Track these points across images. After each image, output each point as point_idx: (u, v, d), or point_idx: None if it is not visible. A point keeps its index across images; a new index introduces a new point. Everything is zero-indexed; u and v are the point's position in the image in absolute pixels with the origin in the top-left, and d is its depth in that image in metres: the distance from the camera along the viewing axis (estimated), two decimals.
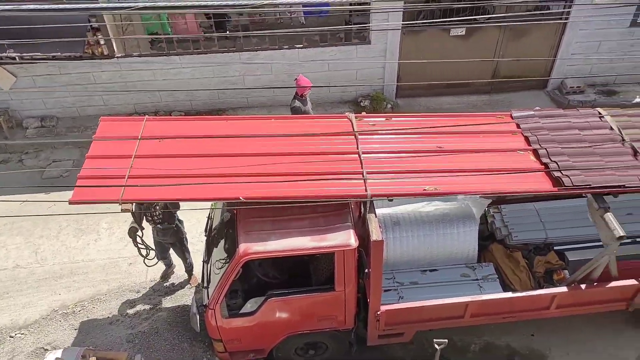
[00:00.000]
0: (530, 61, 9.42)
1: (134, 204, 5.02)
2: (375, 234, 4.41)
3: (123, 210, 4.39)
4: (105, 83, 8.84)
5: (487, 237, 6.09)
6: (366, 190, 4.55)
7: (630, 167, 4.91)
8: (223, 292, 4.71)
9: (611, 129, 5.36)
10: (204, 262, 5.43)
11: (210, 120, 5.63)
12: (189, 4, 5.32)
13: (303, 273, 5.37)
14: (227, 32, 8.15)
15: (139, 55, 8.71)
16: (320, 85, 8.39)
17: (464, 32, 8.80)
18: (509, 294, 5.12)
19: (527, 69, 9.39)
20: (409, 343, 5.66)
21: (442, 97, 9.80)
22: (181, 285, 6.58)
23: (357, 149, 4.98)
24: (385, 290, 5.32)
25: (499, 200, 6.15)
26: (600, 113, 5.59)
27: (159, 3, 5.96)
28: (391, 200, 4.73)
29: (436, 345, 4.92)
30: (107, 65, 8.70)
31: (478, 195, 5.82)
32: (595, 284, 5.08)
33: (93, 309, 6.36)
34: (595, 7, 7.97)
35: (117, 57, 8.64)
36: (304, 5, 7.51)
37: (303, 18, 9.19)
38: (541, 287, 5.29)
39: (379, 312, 4.94)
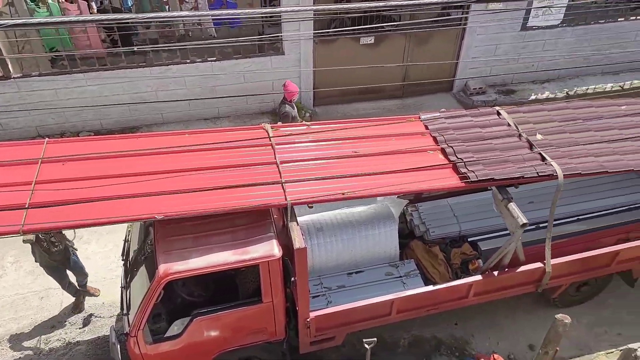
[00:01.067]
0: (436, 65, 9.95)
1: (37, 234, 4.69)
2: (298, 241, 4.43)
3: (25, 242, 4.07)
4: (2, 105, 8.18)
5: (407, 235, 6.35)
6: (286, 199, 4.57)
7: (527, 159, 5.33)
8: (145, 317, 4.50)
9: (509, 125, 5.80)
10: (122, 288, 5.17)
11: (120, 139, 5.38)
12: (89, 18, 5.07)
13: (230, 288, 5.28)
14: (135, 46, 7.85)
15: (39, 75, 8.16)
16: (233, 95, 8.34)
17: (373, 41, 9.14)
18: (430, 288, 5.34)
19: (434, 73, 9.92)
20: (341, 346, 5.74)
21: (358, 103, 10.10)
22: (100, 315, 6.22)
23: (275, 158, 5.00)
24: (314, 297, 5.37)
25: (416, 199, 6.44)
26: (498, 111, 6.03)
27: (55, 19, 5.62)
28: (311, 207, 4.78)
29: (366, 345, 5.02)
30: (2, 87, 8.07)
31: (396, 196, 6.09)
32: (506, 270, 5.44)
33: (3, 351, 5.84)
34: (489, 12, 8.60)
35: (14, 78, 8.05)
36: (214, 17, 7.44)
37: (214, 30, 9.08)
38: (459, 278, 5.57)
39: (308, 319, 4.96)
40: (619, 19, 10.03)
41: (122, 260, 5.45)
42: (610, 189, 6.34)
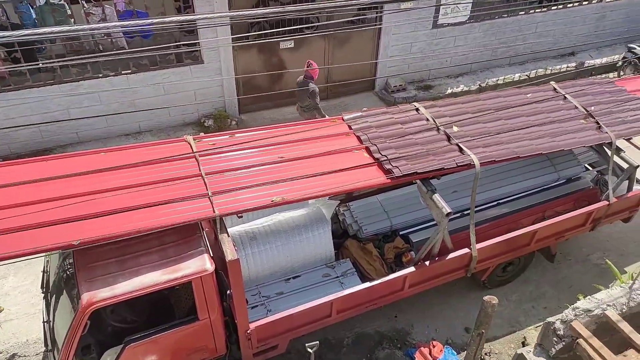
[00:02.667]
0: (358, 65, 10.18)
1: None
2: (229, 253, 4.35)
3: None
4: None
5: (341, 234, 6.42)
6: (214, 211, 4.47)
7: (447, 151, 5.57)
8: (71, 351, 4.21)
9: (427, 119, 6.03)
10: (44, 322, 4.81)
11: (29, 163, 5.01)
12: None
13: (164, 308, 5.07)
14: (40, 63, 7.35)
15: None
16: (153, 108, 8.05)
17: (292, 44, 9.18)
18: (367, 284, 5.42)
19: (356, 73, 10.14)
20: (286, 353, 5.69)
21: (285, 108, 10.09)
22: (24, 354, 5.76)
23: (200, 170, 4.88)
24: (252, 307, 5.30)
25: (347, 198, 6.53)
26: (417, 107, 6.25)
27: None
28: (240, 217, 4.70)
29: (309, 349, 5.02)
30: None
31: (327, 197, 6.14)
32: (436, 258, 5.65)
33: None
34: (401, 11, 8.91)
35: None
36: (123, 27, 7.12)
37: (125, 41, 8.71)
38: (393, 272, 5.70)
39: (248, 331, 4.87)
40: (519, 13, 10.75)
41: (43, 292, 5.08)
42: (524, 173, 6.76)
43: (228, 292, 4.62)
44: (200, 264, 4.39)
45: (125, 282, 4.17)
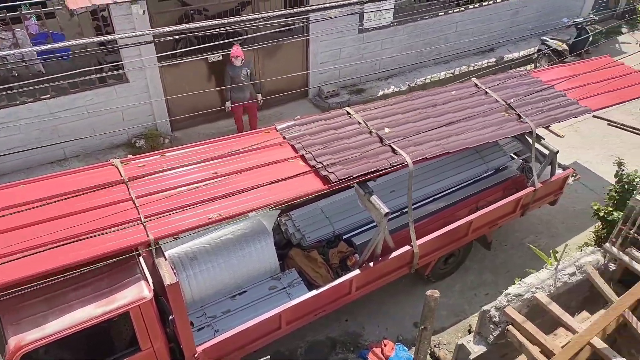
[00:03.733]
0: (290, 74, 10.20)
1: None
2: (168, 277, 4.20)
3: None
4: None
5: (285, 244, 6.39)
6: (148, 236, 4.30)
7: (380, 153, 5.68)
8: None
9: (359, 123, 6.13)
10: None
11: None
12: None
13: (104, 342, 4.81)
14: None
15: None
16: (83, 137, 7.68)
17: (221, 57, 9.06)
18: (314, 292, 5.42)
19: (288, 82, 10.15)
20: None
21: (219, 122, 9.94)
22: None
23: (130, 194, 4.69)
24: (199, 329, 5.15)
25: (288, 207, 6.50)
26: (348, 111, 6.34)
27: None
28: (176, 238, 4.56)
29: None
30: None
31: (267, 209, 6.08)
32: (380, 259, 5.74)
33: None
34: (326, 19, 9.02)
35: None
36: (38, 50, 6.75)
37: (41, 65, 8.26)
38: (340, 276, 5.73)
39: (196, 355, 4.72)
40: (439, 14, 11.20)
41: None
42: (455, 167, 7.02)
43: (170, 317, 4.46)
44: (137, 292, 4.21)
45: (56, 321, 3.93)
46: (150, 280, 4.69)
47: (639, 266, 4.89)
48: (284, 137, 5.85)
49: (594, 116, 7.03)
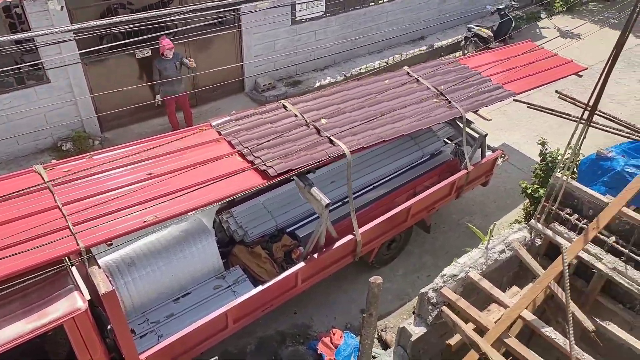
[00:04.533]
0: (225, 68, 9.98)
1: None
2: (102, 286, 4.01)
3: None
4: None
5: (228, 242, 6.29)
6: (78, 244, 4.08)
7: (318, 144, 5.69)
8: None
9: (296, 115, 6.11)
10: None
11: None
12: None
13: (40, 358, 4.56)
14: None
15: None
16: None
17: (150, 53, 8.72)
18: (260, 288, 5.38)
19: (223, 75, 9.95)
20: None
21: (152, 120, 9.60)
22: None
23: (55, 201, 4.42)
24: (141, 336, 4.98)
25: (229, 204, 6.40)
26: (284, 104, 6.30)
27: None
28: (110, 244, 4.36)
29: None
30: None
31: (207, 207, 5.94)
32: (324, 249, 5.78)
33: None
34: (257, 11, 8.90)
35: None
36: None
37: None
38: (285, 270, 5.72)
39: None
40: (370, 4, 11.35)
41: None
42: (393, 154, 7.18)
43: (109, 327, 4.27)
44: (70, 303, 3.99)
45: None
46: (85, 290, 4.47)
47: (561, 240, 5.21)
48: (220, 134, 5.73)
49: (514, 100, 7.41)
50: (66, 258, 4.18)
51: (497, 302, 4.82)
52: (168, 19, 8.50)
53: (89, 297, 4.74)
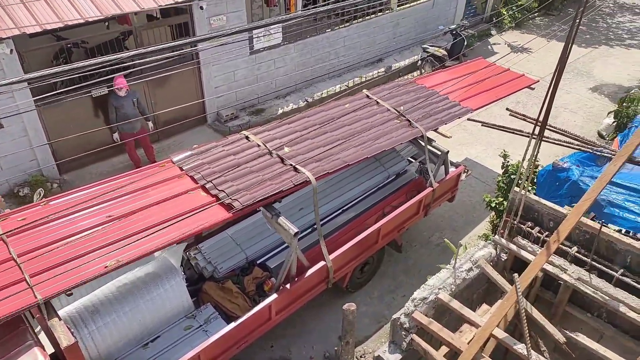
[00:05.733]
0: (185, 101, 9.89)
1: None
2: (64, 339, 3.82)
3: None
4: None
5: (198, 279, 6.13)
6: (35, 296, 3.88)
7: (283, 173, 5.65)
8: None
9: (258, 145, 6.07)
10: None
11: None
12: None
13: None
14: None
15: None
16: None
17: (106, 91, 8.57)
18: (233, 324, 5.23)
19: (185, 109, 9.85)
20: None
21: (112, 159, 9.38)
22: None
23: (10, 253, 4.22)
24: None
25: (196, 240, 6.25)
26: (246, 135, 6.26)
27: None
28: (70, 294, 4.17)
29: None
30: None
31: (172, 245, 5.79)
32: (295, 279, 5.69)
33: None
34: (216, 46, 8.90)
35: None
36: None
37: None
38: (258, 303, 5.59)
39: None
40: (326, 31, 11.55)
41: None
42: (358, 177, 7.20)
43: None
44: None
45: None
46: (47, 343, 4.25)
47: (525, 253, 5.28)
48: (181, 169, 5.63)
49: (469, 119, 7.59)
50: (25, 312, 3.97)
51: (468, 322, 4.80)
52: (126, 61, 8.42)
53: (52, 351, 4.50)
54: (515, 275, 4.71)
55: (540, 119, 4.69)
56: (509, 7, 15.40)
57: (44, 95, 6.99)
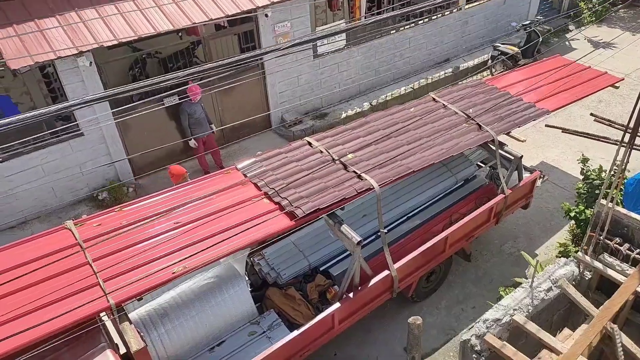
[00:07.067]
0: (250, 107, 10.09)
1: None
2: (134, 343, 3.95)
3: None
4: None
5: (261, 285, 6.16)
6: (108, 301, 4.05)
7: (345, 180, 5.56)
8: None
9: (321, 152, 6.02)
10: None
11: None
12: None
13: None
14: None
15: None
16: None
17: (178, 100, 8.89)
18: (296, 332, 5.19)
19: (250, 114, 10.04)
20: None
21: (183, 163, 9.64)
22: None
23: (86, 258, 4.43)
24: None
25: (260, 246, 6.30)
26: (309, 141, 6.23)
27: None
28: (140, 299, 4.31)
29: None
30: None
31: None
32: (359, 288, 5.56)
33: None
34: (281, 55, 8.96)
35: None
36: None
37: None
38: (321, 311, 5.52)
39: None
40: (391, 33, 11.32)
41: None
42: (425, 183, 6.96)
43: None
44: None
45: None
46: (120, 344, 4.42)
47: (613, 273, 4.79)
48: (245, 176, 5.69)
49: (546, 125, 7.10)
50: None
51: (547, 348, 4.40)
52: (197, 73, 8.71)
53: (124, 351, 4.68)
54: (606, 302, 4.27)
55: (631, 125, 4.24)
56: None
57: (121, 108, 7.39)
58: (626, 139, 4.39)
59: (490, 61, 12.08)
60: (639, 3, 15.34)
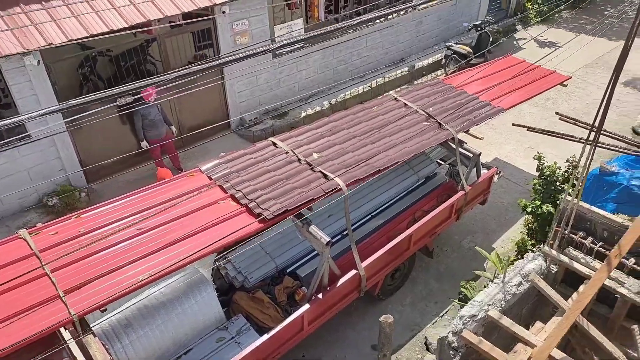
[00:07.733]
0: (209, 108, 9.86)
1: None
2: (99, 356, 3.77)
3: None
4: None
5: (228, 289, 6.05)
6: (69, 313, 3.84)
7: (312, 181, 5.53)
8: None
9: (286, 152, 5.96)
10: None
11: None
12: None
13: None
14: None
15: None
16: None
17: (132, 100, 8.57)
18: (265, 336, 5.12)
19: (209, 115, 9.82)
20: None
21: (139, 166, 9.34)
22: None
23: (43, 269, 4.19)
24: None
25: (226, 251, 6.16)
26: (273, 142, 6.16)
27: None
28: (104, 310, 4.12)
29: None
30: None
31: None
32: (327, 288, 5.56)
33: None
34: (239, 54, 8.81)
35: None
36: None
37: None
38: (290, 313, 5.48)
39: None
40: (348, 32, 11.37)
41: None
42: (388, 181, 7.03)
43: None
44: None
45: None
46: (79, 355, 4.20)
47: (579, 266, 5.01)
48: (210, 178, 5.55)
49: (513, 124, 7.37)
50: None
51: (522, 342, 4.54)
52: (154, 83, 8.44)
53: None
54: (575, 294, 4.45)
55: (596, 124, 4.44)
56: (534, 0, 14.99)
57: (72, 118, 7.01)
58: (591, 137, 4.60)
59: (444, 60, 12.38)
60: (579, 4, 16.19)
